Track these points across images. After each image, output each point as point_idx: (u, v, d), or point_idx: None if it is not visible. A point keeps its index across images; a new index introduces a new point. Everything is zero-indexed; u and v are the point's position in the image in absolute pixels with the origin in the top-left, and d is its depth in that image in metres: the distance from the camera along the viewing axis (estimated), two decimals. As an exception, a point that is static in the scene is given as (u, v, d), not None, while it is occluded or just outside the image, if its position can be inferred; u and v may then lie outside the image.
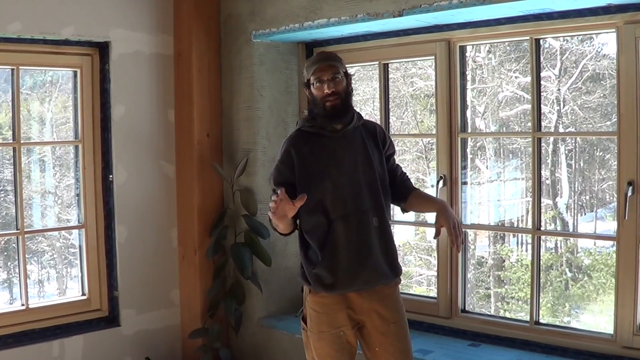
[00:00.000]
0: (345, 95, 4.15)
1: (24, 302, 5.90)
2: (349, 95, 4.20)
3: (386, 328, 4.15)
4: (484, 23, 5.15)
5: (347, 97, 4.17)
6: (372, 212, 4.12)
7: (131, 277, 6.24)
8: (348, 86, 4.18)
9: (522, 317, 6.80)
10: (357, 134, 4.21)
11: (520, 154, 10.72)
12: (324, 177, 4.12)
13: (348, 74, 4.21)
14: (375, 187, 4.15)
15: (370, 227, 4.10)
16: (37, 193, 8.61)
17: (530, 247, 10.46)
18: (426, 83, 10.80)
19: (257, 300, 6.25)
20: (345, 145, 4.17)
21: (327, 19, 5.45)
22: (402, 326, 4.20)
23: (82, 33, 5.86)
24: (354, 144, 4.18)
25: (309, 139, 4.20)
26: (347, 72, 4.20)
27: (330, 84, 4.07)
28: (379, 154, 4.23)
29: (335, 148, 4.16)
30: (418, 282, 11.34)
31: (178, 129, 6.39)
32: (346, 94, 4.15)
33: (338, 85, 4.09)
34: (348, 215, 4.09)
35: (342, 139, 4.17)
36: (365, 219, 4.11)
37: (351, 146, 4.17)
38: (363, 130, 4.23)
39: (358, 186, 4.12)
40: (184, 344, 6.52)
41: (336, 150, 4.16)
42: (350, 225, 4.09)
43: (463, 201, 5.56)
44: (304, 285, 4.30)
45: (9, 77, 5.89)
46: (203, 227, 6.32)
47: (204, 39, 6.28)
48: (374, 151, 4.21)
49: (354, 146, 4.18)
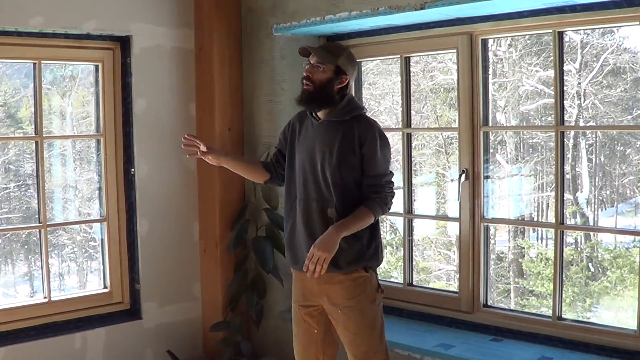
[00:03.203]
0: (320, 85, 4.24)
1: (47, 295, 5.94)
2: (325, 87, 4.26)
3: (335, 314, 4.35)
4: (507, 16, 5.12)
5: (322, 88, 4.25)
6: (319, 204, 4.27)
7: (153, 270, 6.26)
8: (331, 81, 4.26)
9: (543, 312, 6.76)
10: (339, 128, 4.25)
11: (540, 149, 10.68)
12: (297, 159, 4.40)
13: (341, 71, 4.28)
14: (328, 182, 4.24)
15: (312, 216, 4.29)
16: (58, 187, 8.63)
17: (550, 242, 10.44)
18: (446, 77, 10.75)
19: (278, 293, 6.27)
20: (321, 134, 4.30)
21: (349, 12, 5.44)
22: (351, 316, 4.29)
23: (103, 27, 5.88)
24: (329, 136, 4.26)
25: (305, 120, 4.44)
26: (340, 69, 4.27)
27: (310, 69, 4.26)
28: (351, 153, 4.22)
29: (313, 135, 4.34)
30: (437, 276, 11.31)
31: (199, 122, 6.40)
32: (321, 85, 4.25)
33: (316, 73, 4.25)
34: (300, 200, 4.36)
35: (320, 128, 4.32)
36: (310, 208, 4.31)
37: (326, 137, 4.27)
38: (347, 127, 4.25)
39: (313, 175, 4.30)
40: (205, 337, 6.53)
41: (313, 137, 4.34)
42: (300, 210, 4.35)
43: (485, 195, 5.53)
44: None
45: (29, 72, 5.92)
46: (224, 220, 6.34)
47: (225, 33, 6.28)
48: (346, 149, 4.22)
49: (327, 138, 4.26)
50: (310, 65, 4.30)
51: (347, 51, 4.37)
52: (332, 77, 4.25)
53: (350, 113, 4.27)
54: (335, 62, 4.24)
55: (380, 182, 4.23)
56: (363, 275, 4.27)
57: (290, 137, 4.50)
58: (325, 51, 4.30)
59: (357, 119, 4.27)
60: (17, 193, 9.07)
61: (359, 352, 4.32)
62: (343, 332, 4.35)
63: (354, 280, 4.26)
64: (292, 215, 4.43)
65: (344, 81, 4.29)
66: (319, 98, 4.27)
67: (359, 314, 4.27)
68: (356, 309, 4.27)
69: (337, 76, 4.26)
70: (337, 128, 4.25)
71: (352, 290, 4.26)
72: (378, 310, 4.37)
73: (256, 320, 6.28)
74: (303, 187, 4.36)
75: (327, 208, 4.23)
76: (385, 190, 4.25)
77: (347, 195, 4.22)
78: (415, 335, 5.50)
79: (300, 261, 4.33)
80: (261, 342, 6.47)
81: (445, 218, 11.47)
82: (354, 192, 4.24)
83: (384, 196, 4.24)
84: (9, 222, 8.98)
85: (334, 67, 4.25)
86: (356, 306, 4.27)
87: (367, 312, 4.29)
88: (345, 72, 4.28)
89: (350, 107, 4.29)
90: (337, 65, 4.25)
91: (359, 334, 4.30)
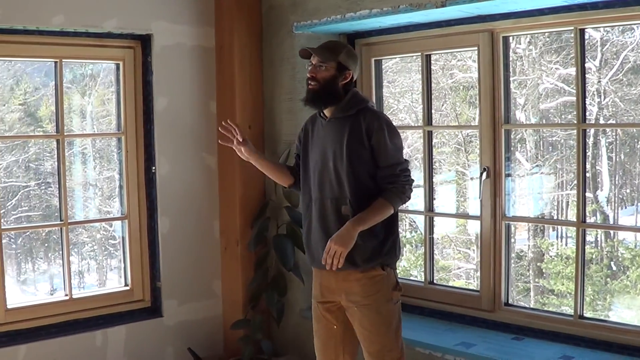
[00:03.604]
0: (324, 84, 4.28)
1: (68, 293, 5.96)
2: (329, 85, 4.29)
3: (352, 310, 4.36)
4: (527, 13, 5.10)
5: (326, 86, 4.28)
6: (333, 202, 4.29)
7: (173, 268, 6.28)
8: (334, 78, 4.29)
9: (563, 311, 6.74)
10: (346, 124, 4.27)
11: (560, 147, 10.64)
12: (310, 160, 4.44)
13: (343, 67, 4.31)
14: (341, 178, 4.25)
15: (327, 215, 4.31)
16: (78, 185, 8.66)
17: (570, 240, 10.41)
18: (465, 75, 10.72)
19: (298, 291, 6.27)
20: (330, 133, 4.33)
21: (369, 10, 5.44)
22: (367, 313, 4.29)
23: (124, 26, 5.90)
24: (338, 133, 4.28)
25: (316, 121, 4.48)
26: (342, 65, 4.30)
27: (313, 69, 4.31)
28: (360, 147, 4.22)
29: (323, 134, 4.38)
30: (457, 275, 11.29)
31: (220, 120, 6.35)
32: (325, 83, 4.28)
33: (319, 72, 4.29)
34: (316, 200, 4.38)
35: (329, 126, 4.35)
36: (325, 207, 4.34)
37: (335, 135, 4.29)
38: (354, 121, 4.26)
39: (326, 174, 4.32)
40: (226, 335, 6.54)
41: (323, 136, 4.37)
42: (316, 209, 4.37)
43: (506, 193, 5.52)
44: None
45: (49, 70, 5.94)
46: (245, 218, 6.34)
47: (246, 31, 6.29)
48: (355, 143, 4.22)
49: (337, 135, 4.28)
50: (312, 65, 4.33)
51: (347, 47, 4.41)
52: (336, 74, 4.29)
53: (355, 107, 4.28)
54: (336, 59, 4.28)
55: (394, 171, 4.21)
56: (380, 273, 4.27)
57: (304, 140, 4.54)
58: (325, 50, 4.34)
59: (362, 112, 4.27)
60: (37, 191, 9.11)
61: (373, 350, 4.32)
62: (359, 329, 4.36)
63: (371, 279, 4.26)
64: (308, 215, 4.45)
65: (348, 76, 4.32)
66: (324, 96, 4.30)
67: (375, 312, 4.27)
68: (372, 306, 4.27)
69: (340, 73, 4.29)
70: (344, 124, 4.26)
71: (369, 288, 4.26)
72: (395, 309, 4.36)
73: (277, 318, 6.28)
74: (318, 187, 4.37)
75: (341, 206, 4.24)
76: (400, 179, 4.21)
77: (361, 191, 4.22)
78: (436, 334, 5.49)
79: (317, 259, 4.36)
80: (282, 340, 6.47)
81: (466, 216, 11.44)
82: (368, 186, 4.23)
83: (400, 185, 4.20)
84: (29, 220, 9.03)
85: (335, 64, 4.28)
86: (372, 304, 4.27)
87: (383, 310, 4.29)
88: (348, 67, 4.31)
89: (353, 101, 4.31)
90: (339, 62, 4.28)
91: (374, 331, 4.30)
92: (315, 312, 4.59)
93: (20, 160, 8.85)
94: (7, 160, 8.37)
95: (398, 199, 4.19)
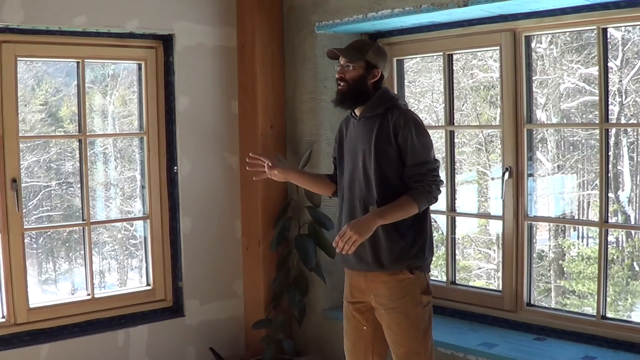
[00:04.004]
0: (353, 83, 4.27)
1: (90, 292, 5.99)
2: (359, 84, 4.28)
3: (380, 312, 4.34)
4: (549, 12, 5.08)
5: (355, 85, 4.27)
6: (361, 202, 4.29)
7: (195, 268, 6.30)
8: (363, 77, 4.28)
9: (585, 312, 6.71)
10: (375, 122, 4.25)
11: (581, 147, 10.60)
12: (344, 160, 4.43)
13: (371, 65, 4.28)
14: (369, 178, 4.24)
15: (356, 215, 4.28)
16: (100, 185, 8.69)
17: (591, 240, 10.36)
18: (486, 75, 10.71)
19: (320, 291, 6.27)
20: (360, 132, 4.32)
21: (391, 10, 5.43)
22: (395, 316, 4.27)
23: (146, 26, 5.93)
24: (367, 132, 4.26)
25: (349, 122, 4.47)
26: (370, 64, 4.28)
27: (341, 70, 4.31)
28: (387, 146, 4.19)
29: (354, 134, 4.38)
30: (477, 275, 11.26)
31: (242, 120, 6.41)
32: (354, 83, 4.27)
33: (348, 72, 4.28)
34: (347, 200, 4.40)
35: (359, 126, 4.34)
36: (354, 207, 4.33)
37: (364, 134, 4.28)
38: (383, 119, 4.24)
39: (357, 174, 4.32)
40: (247, 335, 6.55)
41: (354, 136, 4.37)
42: (346, 209, 4.39)
43: (529, 193, 5.50)
44: None
45: (70, 70, 5.97)
46: (267, 218, 6.35)
47: (267, 31, 6.29)
48: (383, 142, 4.20)
49: (366, 134, 4.27)
50: (340, 66, 4.32)
51: (375, 45, 4.39)
52: (364, 73, 4.26)
53: (383, 105, 4.24)
54: (363, 58, 4.26)
55: (421, 170, 4.15)
56: (408, 277, 4.23)
57: (339, 142, 4.53)
58: (351, 50, 4.32)
59: (391, 110, 4.23)
60: (58, 191, 9.12)
61: (401, 352, 4.30)
62: (387, 331, 4.34)
63: (399, 282, 4.23)
64: (339, 215, 4.46)
65: (377, 74, 4.29)
66: (354, 95, 4.29)
67: (403, 315, 4.25)
68: (400, 310, 4.24)
69: (368, 71, 4.27)
70: (373, 122, 4.24)
71: (397, 291, 4.24)
72: (424, 312, 4.31)
73: (298, 318, 6.29)
74: (349, 187, 4.37)
75: (369, 206, 4.22)
76: (427, 179, 4.15)
77: (389, 192, 4.18)
78: (458, 334, 5.49)
79: (346, 260, 4.36)
80: (303, 340, 6.48)
81: (488, 216, 11.41)
82: (396, 187, 4.18)
83: (427, 184, 4.14)
84: (50, 220, 9.05)
85: (363, 63, 4.26)
86: (400, 307, 4.24)
87: (411, 314, 4.25)
88: (376, 65, 4.28)
89: (382, 99, 4.27)
90: (367, 61, 4.26)
91: (401, 334, 4.27)
92: (345, 312, 4.57)
93: (42, 161, 8.87)
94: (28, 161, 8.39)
95: (424, 198, 4.13)
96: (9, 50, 5.47)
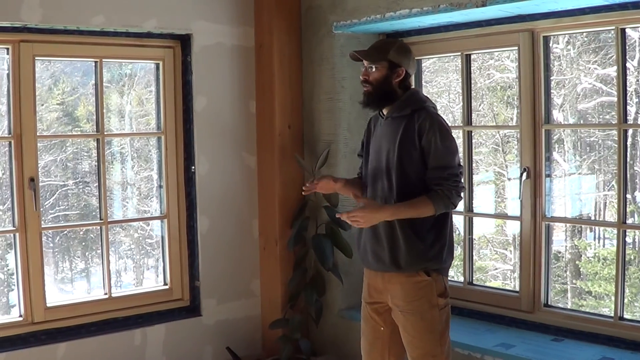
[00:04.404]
0: (377, 85, 4.27)
1: (107, 291, 6.01)
2: (383, 85, 4.28)
3: (397, 313, 4.35)
4: (568, 13, 5.06)
5: (380, 86, 4.27)
6: (383, 201, 4.29)
7: (212, 268, 6.31)
8: (387, 77, 4.27)
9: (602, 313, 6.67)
10: (401, 123, 4.24)
11: (598, 147, 10.57)
12: (370, 159, 4.43)
13: (394, 65, 4.27)
14: (391, 178, 4.24)
15: None
16: (116, 184, 8.70)
17: (607, 242, 10.32)
18: (502, 75, 10.69)
19: (337, 291, 6.27)
20: (386, 131, 4.32)
21: (409, 10, 5.42)
22: (410, 318, 4.27)
23: (164, 26, 5.94)
24: (393, 132, 4.26)
25: (377, 119, 4.47)
26: (393, 63, 4.26)
27: (364, 72, 4.32)
28: (411, 147, 4.18)
29: (380, 133, 4.38)
30: (493, 276, 11.23)
31: (259, 120, 6.42)
32: (378, 84, 4.27)
33: (371, 74, 4.29)
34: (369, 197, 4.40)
35: (385, 125, 4.35)
36: None
37: (390, 134, 4.28)
38: (409, 121, 4.22)
39: (379, 173, 4.32)
40: (264, 334, 6.56)
41: (380, 135, 4.37)
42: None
43: (546, 194, 5.48)
44: None
45: (87, 70, 5.99)
46: (284, 218, 6.35)
47: (285, 31, 6.30)
48: (407, 143, 4.19)
49: (390, 134, 4.27)
50: (364, 68, 4.32)
51: (397, 43, 4.36)
52: (387, 74, 4.26)
53: (411, 107, 4.23)
54: (386, 58, 4.25)
55: (442, 174, 4.12)
56: (425, 279, 4.22)
57: (367, 139, 4.54)
58: (373, 51, 4.32)
59: (418, 112, 4.21)
60: (74, 190, 9.14)
61: (416, 354, 4.30)
62: (402, 333, 4.34)
63: (415, 284, 4.22)
64: None
65: (401, 73, 4.28)
66: (379, 96, 4.28)
67: (418, 318, 4.24)
68: (415, 312, 4.24)
69: (392, 71, 4.26)
70: (400, 123, 4.23)
71: (412, 293, 4.23)
72: (441, 315, 4.29)
73: (315, 318, 6.29)
74: (371, 184, 4.38)
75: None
76: (448, 183, 4.11)
77: (408, 192, 4.17)
78: (476, 335, 5.48)
79: (365, 259, 4.40)
80: (320, 340, 6.48)
81: (506, 217, 11.39)
82: (418, 188, 4.16)
83: (447, 189, 4.10)
84: (66, 219, 9.07)
85: (386, 63, 4.25)
86: (415, 310, 4.23)
87: (427, 316, 4.24)
88: (400, 64, 4.26)
89: (410, 100, 4.27)
90: (389, 60, 4.25)
91: (417, 336, 4.27)
92: (363, 312, 4.57)
93: (58, 160, 8.89)
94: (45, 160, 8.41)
95: (441, 202, 4.10)
96: (27, 49, 5.49)
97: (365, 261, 4.42)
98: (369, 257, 4.33)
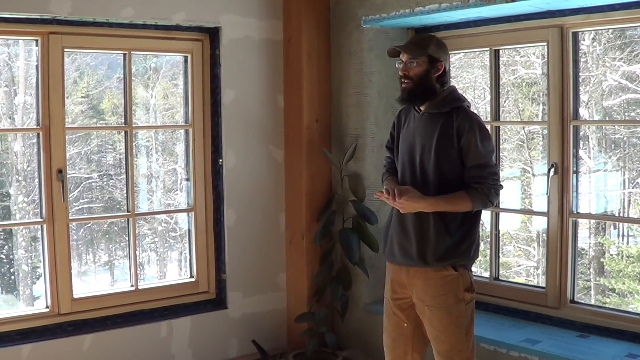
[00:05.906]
0: (418, 80, 4.24)
1: (133, 283, 6.03)
2: (423, 80, 4.24)
3: (421, 308, 4.34)
4: (597, 9, 5.04)
5: (420, 82, 4.24)
6: None
7: (239, 261, 6.32)
8: (427, 72, 4.24)
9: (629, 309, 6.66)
10: (439, 120, 4.22)
11: (622, 144, 10.53)
12: (400, 152, 4.41)
13: (434, 59, 4.24)
14: (426, 175, 4.23)
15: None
16: (142, 177, 8.74)
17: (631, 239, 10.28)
18: (528, 71, 10.66)
19: (363, 285, 6.27)
20: (421, 127, 4.29)
21: (439, 4, 5.41)
22: (436, 313, 4.26)
23: (193, 18, 5.94)
24: (429, 129, 4.24)
25: (409, 113, 4.44)
26: (433, 58, 4.24)
27: (404, 67, 4.27)
28: (449, 146, 4.17)
29: (414, 127, 4.34)
30: (517, 272, 11.21)
31: (287, 114, 6.42)
32: (419, 80, 4.24)
33: (412, 69, 4.24)
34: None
35: (422, 121, 4.31)
36: None
37: (426, 130, 4.26)
38: (447, 119, 4.20)
39: (412, 168, 4.31)
40: (290, 328, 6.57)
41: (414, 130, 4.33)
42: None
43: (574, 190, 5.47)
44: None
45: (112, 63, 6.03)
46: (311, 212, 6.36)
47: (314, 25, 6.30)
48: (445, 141, 4.17)
49: (428, 130, 4.24)
50: (403, 63, 4.28)
51: (435, 38, 4.34)
52: (428, 68, 4.22)
53: (450, 105, 4.22)
54: (426, 53, 4.22)
55: (482, 172, 4.13)
56: (452, 274, 4.22)
57: (397, 132, 4.51)
58: (413, 45, 4.29)
59: (456, 111, 4.20)
60: (99, 183, 9.19)
61: (442, 349, 4.29)
62: (428, 328, 4.34)
63: (442, 279, 4.22)
64: (392, 208, 4.40)
65: (440, 68, 4.26)
66: (420, 92, 4.26)
67: (445, 312, 4.24)
68: (442, 307, 4.23)
69: (432, 66, 4.23)
70: (437, 120, 4.21)
71: (440, 288, 4.23)
72: (467, 309, 4.29)
73: (341, 312, 6.30)
74: (402, 181, 4.37)
75: None
76: (487, 182, 4.12)
77: (443, 189, 4.17)
78: (501, 330, 5.47)
79: (391, 254, 4.39)
80: (346, 334, 6.48)
81: (533, 212, 11.36)
82: (453, 186, 4.16)
83: (486, 187, 4.11)
84: (90, 211, 9.12)
85: (426, 58, 4.22)
86: (442, 304, 4.23)
87: (453, 311, 4.24)
88: (439, 59, 4.25)
89: (450, 98, 4.26)
90: (429, 55, 4.22)
91: (443, 331, 4.26)
92: (386, 308, 4.57)
93: (83, 153, 8.93)
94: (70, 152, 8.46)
95: (479, 200, 4.11)
96: (56, 41, 5.52)
97: (391, 256, 4.42)
98: (396, 251, 4.34)
